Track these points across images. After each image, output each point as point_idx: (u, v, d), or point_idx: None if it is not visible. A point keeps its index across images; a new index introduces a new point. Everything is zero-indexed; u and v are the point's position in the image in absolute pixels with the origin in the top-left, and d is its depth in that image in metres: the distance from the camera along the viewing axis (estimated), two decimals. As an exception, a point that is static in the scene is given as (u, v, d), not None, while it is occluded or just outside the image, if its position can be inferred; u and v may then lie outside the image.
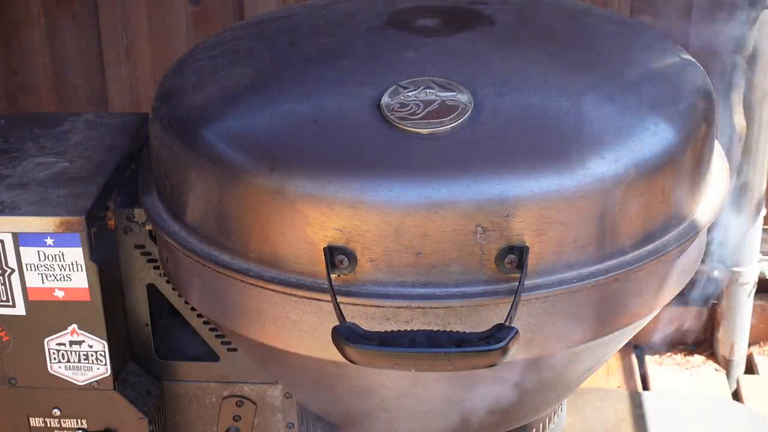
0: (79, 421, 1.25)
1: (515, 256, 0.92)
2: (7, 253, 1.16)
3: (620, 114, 0.98)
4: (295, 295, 0.97)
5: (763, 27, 1.64)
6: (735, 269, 1.80)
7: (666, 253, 1.00)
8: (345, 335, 0.85)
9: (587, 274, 0.95)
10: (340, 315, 0.90)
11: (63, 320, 1.19)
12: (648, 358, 1.86)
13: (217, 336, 1.27)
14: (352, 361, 0.85)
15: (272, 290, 0.98)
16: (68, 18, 1.72)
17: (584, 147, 0.94)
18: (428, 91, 0.98)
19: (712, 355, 1.88)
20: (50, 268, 1.17)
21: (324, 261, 0.93)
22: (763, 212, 1.78)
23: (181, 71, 1.13)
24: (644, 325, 1.09)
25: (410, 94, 0.98)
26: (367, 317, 0.94)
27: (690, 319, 1.89)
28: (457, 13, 1.12)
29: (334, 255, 0.93)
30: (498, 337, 0.85)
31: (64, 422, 1.25)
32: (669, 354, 1.88)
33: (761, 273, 1.82)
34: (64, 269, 1.17)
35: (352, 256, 0.93)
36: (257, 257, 0.98)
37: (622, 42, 1.12)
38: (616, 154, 0.95)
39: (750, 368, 1.87)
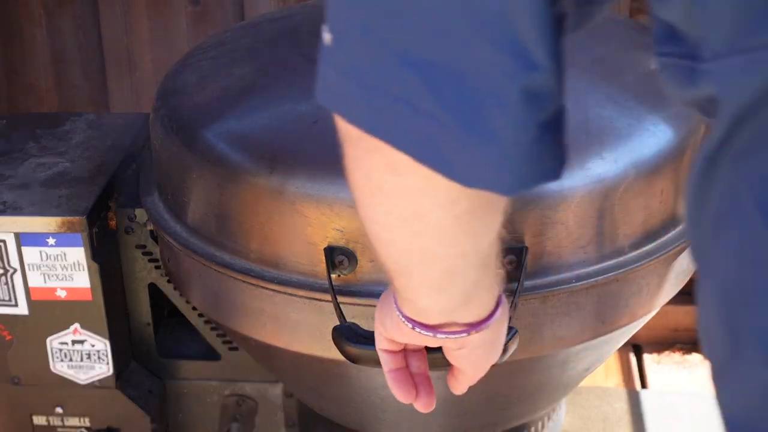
0: (82, 419, 1.25)
1: (514, 256, 0.92)
2: (10, 253, 1.16)
3: (619, 115, 0.99)
4: (295, 295, 0.97)
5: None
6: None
7: (665, 253, 1.00)
8: (345, 335, 0.85)
9: (586, 275, 0.96)
10: (341, 315, 0.90)
11: (65, 320, 1.20)
12: (646, 356, 1.87)
13: (218, 335, 1.27)
14: (352, 361, 0.86)
15: (273, 290, 0.98)
16: (69, 18, 1.72)
17: (583, 147, 0.95)
18: None
19: (711, 353, 1.87)
20: (52, 268, 1.17)
21: (324, 261, 0.93)
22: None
23: (182, 72, 1.13)
24: (643, 324, 1.09)
25: None
26: (367, 317, 0.95)
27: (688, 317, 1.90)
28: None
29: (335, 255, 0.93)
30: None
31: (67, 420, 1.25)
32: (667, 352, 1.88)
33: (760, 271, 1.82)
34: (66, 269, 1.17)
35: (352, 257, 0.94)
36: (258, 257, 0.98)
37: (621, 42, 1.12)
38: (615, 154, 0.95)
39: (749, 366, 1.87)
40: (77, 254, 1.16)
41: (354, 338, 0.85)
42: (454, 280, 0.66)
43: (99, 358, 1.22)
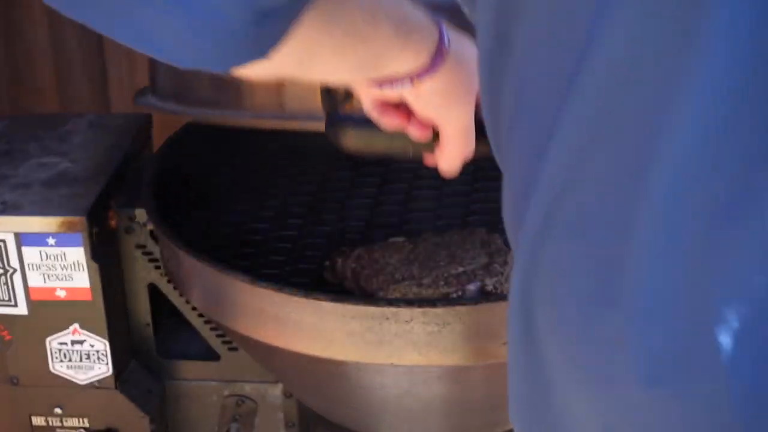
0: (81, 419, 1.25)
1: None
2: (10, 253, 1.17)
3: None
4: (297, 129, 0.99)
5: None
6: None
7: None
8: (342, 119, 0.84)
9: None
10: (333, 107, 0.88)
11: (65, 320, 1.20)
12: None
13: (217, 335, 1.27)
14: (348, 148, 0.84)
15: (271, 125, 1.00)
16: (71, 20, 1.73)
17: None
18: None
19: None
20: (52, 268, 1.17)
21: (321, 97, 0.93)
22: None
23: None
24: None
25: None
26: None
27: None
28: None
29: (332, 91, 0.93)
30: None
31: (66, 421, 1.26)
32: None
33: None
34: (65, 269, 1.17)
35: (347, 93, 0.93)
36: (262, 103, 1.00)
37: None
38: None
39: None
40: (77, 254, 1.16)
41: (351, 122, 0.84)
42: (336, 66, 0.67)
43: (98, 358, 1.22)
